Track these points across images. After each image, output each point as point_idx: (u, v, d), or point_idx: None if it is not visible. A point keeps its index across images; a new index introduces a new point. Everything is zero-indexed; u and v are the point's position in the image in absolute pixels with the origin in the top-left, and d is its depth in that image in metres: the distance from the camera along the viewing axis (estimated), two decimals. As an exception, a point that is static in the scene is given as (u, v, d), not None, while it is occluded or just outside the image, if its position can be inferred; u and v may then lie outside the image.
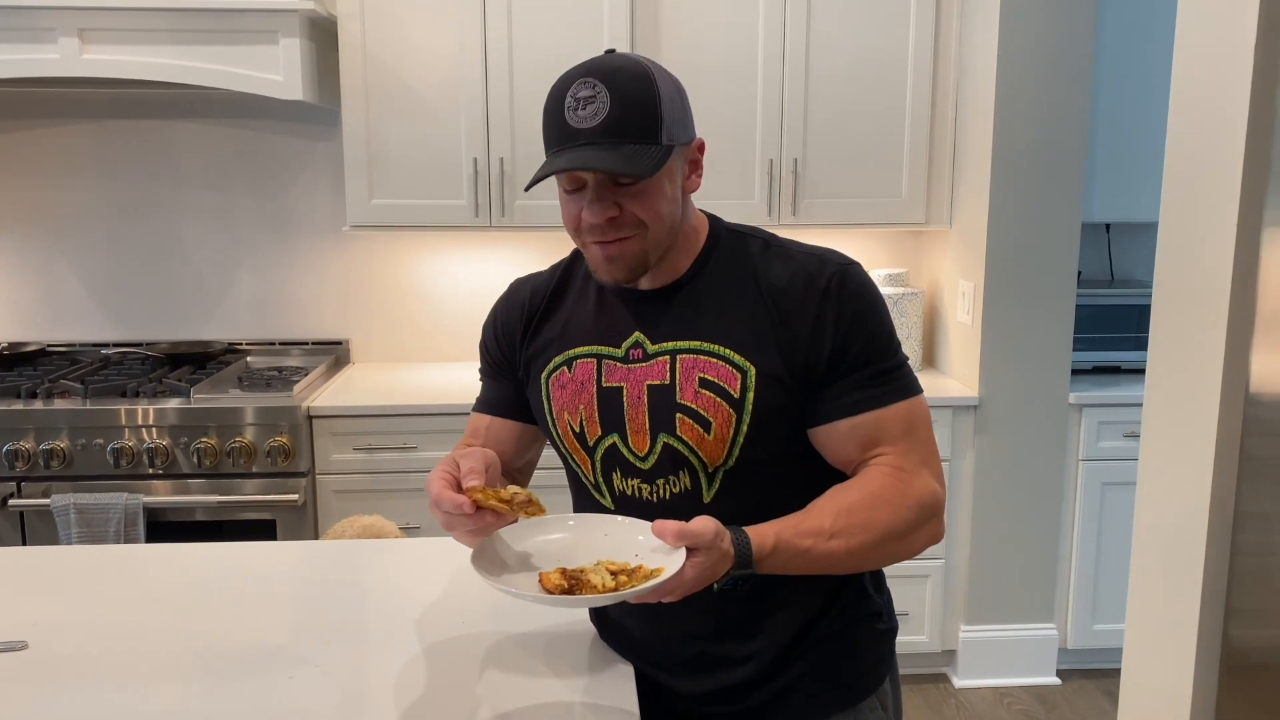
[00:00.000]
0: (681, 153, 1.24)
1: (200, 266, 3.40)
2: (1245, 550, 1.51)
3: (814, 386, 1.24)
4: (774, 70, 3.08)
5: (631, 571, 1.12)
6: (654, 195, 1.21)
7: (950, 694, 3.16)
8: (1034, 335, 3.04)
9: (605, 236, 1.22)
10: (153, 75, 2.80)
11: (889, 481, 1.22)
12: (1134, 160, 3.17)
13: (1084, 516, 3.13)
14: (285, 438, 2.82)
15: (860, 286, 1.25)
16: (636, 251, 1.23)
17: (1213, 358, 1.57)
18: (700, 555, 1.09)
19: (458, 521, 1.15)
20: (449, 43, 3.01)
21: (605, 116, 1.16)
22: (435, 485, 1.16)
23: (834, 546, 1.17)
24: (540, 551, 1.19)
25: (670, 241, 1.26)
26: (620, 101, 1.17)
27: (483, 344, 1.45)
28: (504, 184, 3.06)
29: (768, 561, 1.15)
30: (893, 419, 1.24)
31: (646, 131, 1.18)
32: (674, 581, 1.08)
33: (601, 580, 1.11)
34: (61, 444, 2.77)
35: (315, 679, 1.32)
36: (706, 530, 1.09)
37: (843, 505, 1.20)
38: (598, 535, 1.20)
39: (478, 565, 1.14)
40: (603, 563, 1.15)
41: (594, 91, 1.17)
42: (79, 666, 1.35)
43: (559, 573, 1.14)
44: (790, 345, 1.23)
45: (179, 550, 1.80)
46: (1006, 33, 2.90)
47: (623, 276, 1.25)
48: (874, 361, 1.24)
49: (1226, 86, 1.52)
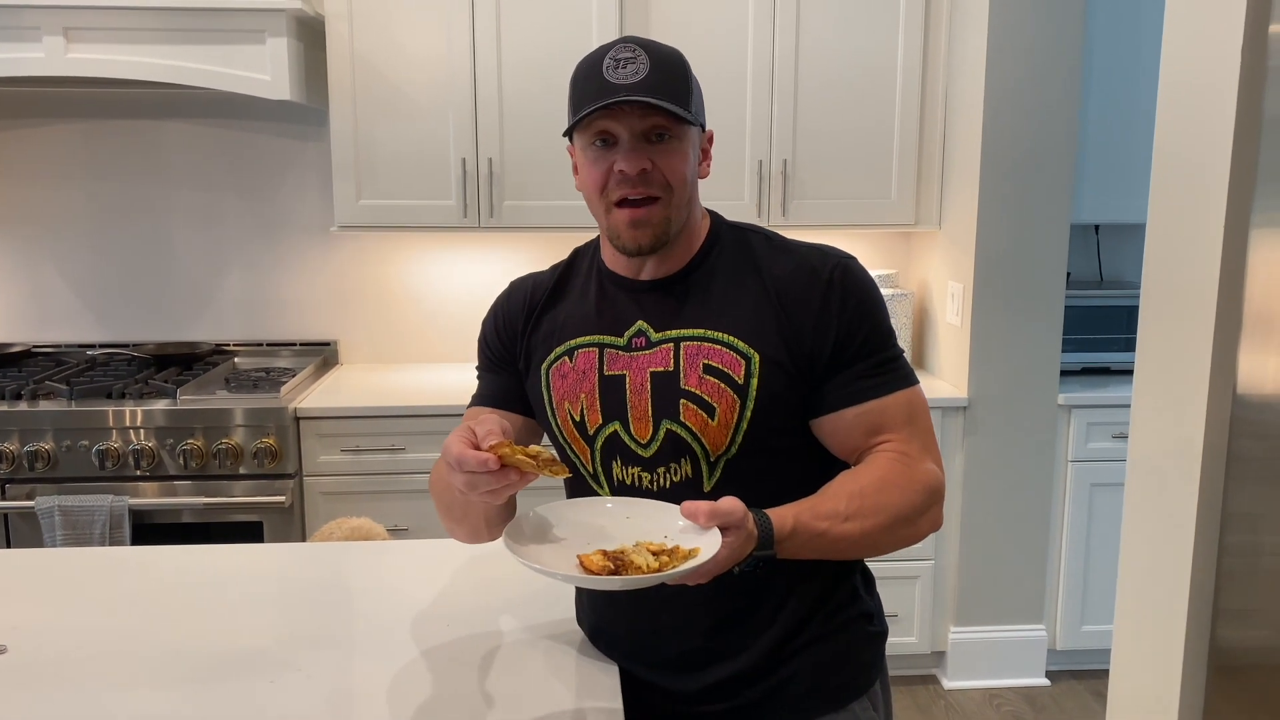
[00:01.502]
0: (698, 135, 1.30)
1: (187, 267, 3.38)
2: (1233, 551, 1.51)
3: (817, 377, 1.26)
4: (763, 72, 3.07)
5: (670, 552, 1.13)
6: (681, 158, 1.26)
7: (939, 695, 3.16)
8: (1023, 336, 3.04)
9: (635, 191, 1.24)
10: (139, 75, 2.79)
11: (896, 466, 1.24)
12: (1123, 162, 3.18)
13: (1073, 517, 3.14)
14: (272, 439, 2.80)
15: (861, 279, 1.30)
16: (661, 217, 1.26)
17: (1200, 359, 1.57)
18: (731, 535, 1.10)
19: (481, 480, 1.11)
20: (437, 42, 3.00)
21: (646, 75, 1.22)
22: (456, 446, 1.12)
23: (849, 529, 1.19)
24: (568, 534, 1.19)
25: (686, 214, 1.29)
26: (658, 64, 1.23)
27: (482, 339, 1.45)
28: (493, 184, 3.05)
29: (787, 543, 1.16)
30: (896, 406, 1.27)
31: (681, 98, 1.24)
32: (711, 561, 1.08)
33: (645, 561, 1.12)
34: (46, 446, 2.75)
35: (299, 683, 1.31)
36: (736, 510, 1.11)
37: (854, 489, 1.22)
38: (620, 518, 1.20)
39: (512, 548, 1.13)
40: (642, 544, 1.15)
41: (634, 54, 1.23)
42: (59, 671, 1.34)
43: (600, 554, 1.13)
44: (794, 335, 1.25)
45: (163, 553, 1.79)
46: (996, 34, 2.90)
47: (648, 242, 1.27)
48: (876, 351, 1.27)
49: (1214, 89, 1.53)
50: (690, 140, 1.26)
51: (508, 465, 1.11)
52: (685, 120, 1.23)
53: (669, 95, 1.22)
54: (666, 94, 1.22)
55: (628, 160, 1.23)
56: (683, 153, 1.25)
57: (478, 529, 1.32)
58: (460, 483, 1.13)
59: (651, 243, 1.27)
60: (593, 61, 1.24)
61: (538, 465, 1.12)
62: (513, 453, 1.11)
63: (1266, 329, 1.43)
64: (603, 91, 1.22)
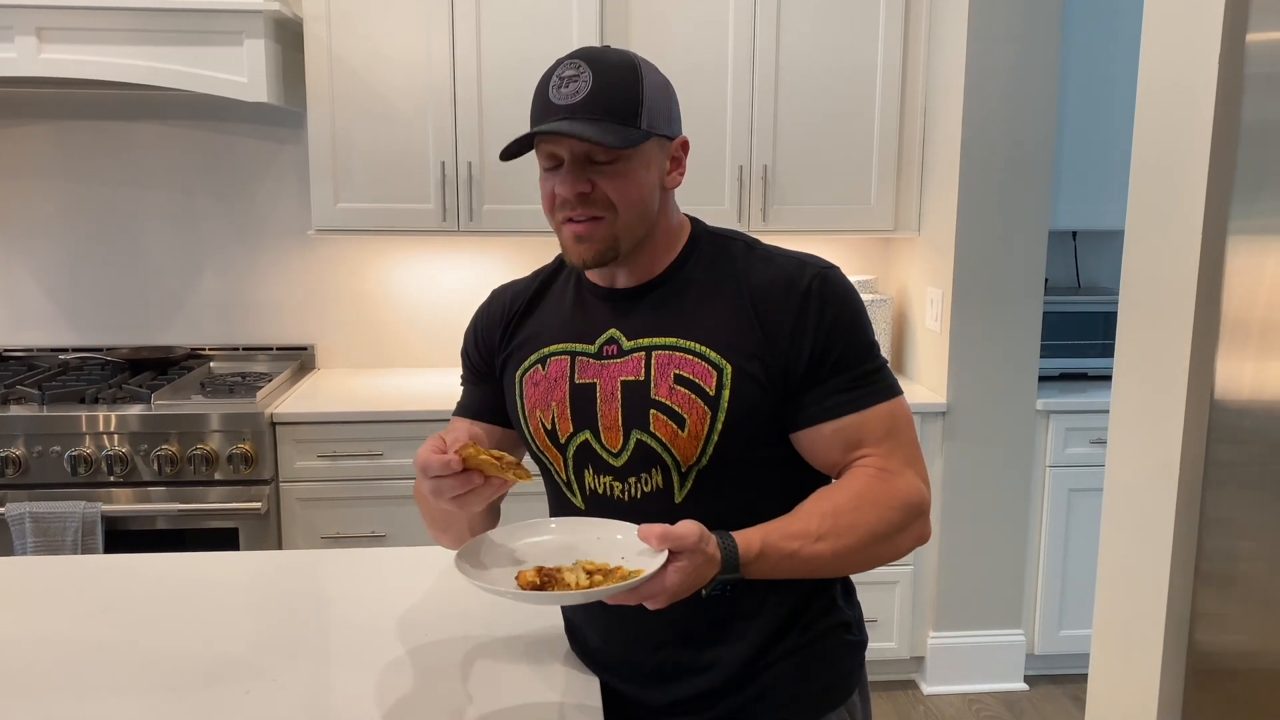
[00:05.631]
0: (662, 145, 1.26)
1: (162, 270, 3.34)
2: (1210, 555, 1.52)
3: (794, 390, 1.24)
4: (744, 79, 3.08)
5: (609, 572, 1.12)
6: (627, 178, 1.22)
7: (919, 700, 3.16)
8: (1002, 342, 3.05)
9: (575, 213, 1.22)
10: (113, 76, 2.75)
11: (873, 483, 1.22)
12: (1100, 168, 3.20)
13: (1051, 522, 3.15)
14: (249, 445, 2.77)
15: (841, 290, 1.26)
16: (606, 235, 1.23)
17: (1178, 364, 1.58)
18: (684, 559, 1.08)
19: (445, 485, 1.11)
20: (417, 44, 2.98)
21: (585, 94, 1.19)
22: (423, 453, 1.12)
23: (821, 549, 1.17)
24: (526, 553, 1.19)
25: (644, 231, 1.26)
26: (602, 81, 1.19)
27: (464, 350, 1.44)
28: (472, 188, 3.04)
29: (755, 565, 1.14)
30: (875, 420, 1.24)
31: (626, 113, 1.20)
32: (655, 585, 1.07)
33: (576, 579, 1.11)
34: (17, 451, 2.71)
35: (272, 692, 1.29)
36: (690, 534, 1.09)
37: (828, 508, 1.20)
38: (589, 539, 1.20)
39: (460, 562, 1.13)
40: (580, 562, 1.14)
41: (577, 71, 1.20)
42: (28, 681, 1.31)
43: (535, 571, 1.13)
44: (770, 346, 1.23)
45: (136, 561, 1.76)
46: (974, 41, 2.92)
47: (590, 258, 1.24)
48: (854, 365, 1.24)
49: (1191, 95, 1.54)
50: (641, 157, 1.22)
51: (471, 468, 1.11)
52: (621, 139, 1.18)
53: (609, 114, 1.18)
54: (606, 113, 1.18)
55: (563, 185, 1.21)
56: (628, 173, 1.21)
57: (462, 537, 1.30)
58: (428, 489, 1.13)
59: (595, 259, 1.24)
60: (543, 78, 1.23)
61: (501, 467, 1.12)
62: (476, 454, 1.11)
63: (1243, 335, 1.43)
64: (545, 112, 1.21)
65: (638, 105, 1.20)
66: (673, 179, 1.28)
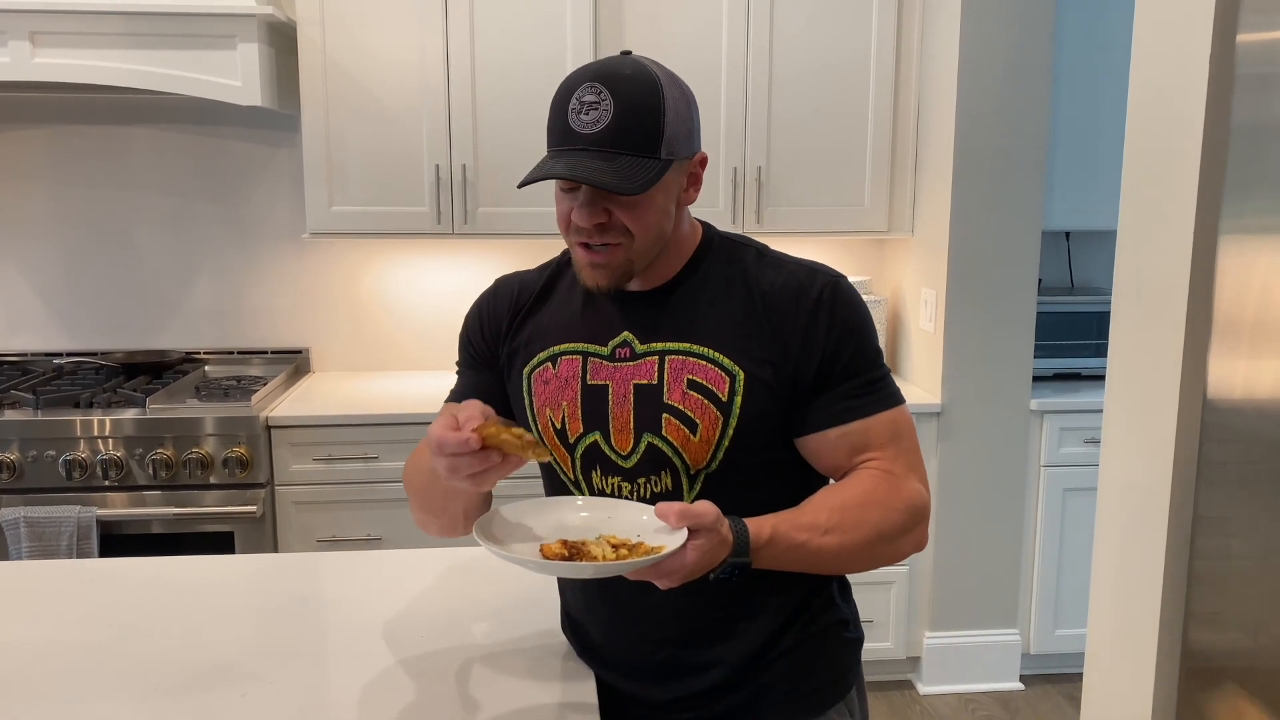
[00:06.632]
0: (681, 166, 1.25)
1: (157, 274, 3.34)
2: (1204, 554, 1.52)
3: (802, 395, 1.25)
4: (737, 81, 3.08)
5: (633, 547, 1.13)
6: (645, 208, 1.21)
7: (915, 700, 3.17)
8: (995, 342, 3.06)
9: (591, 240, 1.22)
10: (107, 80, 2.75)
11: (879, 483, 1.24)
12: (1093, 169, 3.21)
13: (1046, 522, 3.16)
14: (244, 448, 2.77)
15: (850, 299, 1.28)
16: (621, 260, 1.23)
17: (1171, 364, 1.58)
18: (701, 538, 1.09)
19: (462, 464, 1.10)
20: (410, 47, 2.98)
21: (606, 125, 1.17)
22: (437, 430, 1.11)
23: (828, 542, 1.19)
24: (544, 529, 1.19)
25: (657, 251, 1.26)
26: (623, 111, 1.17)
27: (464, 336, 1.43)
28: (467, 191, 3.04)
29: (764, 552, 1.15)
30: (880, 426, 1.26)
31: (647, 144, 1.18)
32: (675, 561, 1.07)
33: (602, 552, 1.12)
34: (11, 456, 2.71)
35: (268, 696, 1.29)
36: (708, 513, 1.10)
37: (836, 503, 1.21)
38: (602, 516, 1.20)
39: (480, 534, 1.12)
40: (605, 537, 1.15)
41: (599, 98, 1.18)
42: (23, 685, 1.31)
43: (560, 543, 1.14)
44: (781, 352, 1.24)
45: (131, 565, 1.76)
46: (967, 42, 2.93)
47: (605, 283, 1.25)
48: (862, 372, 1.26)
49: (1182, 95, 1.54)
50: (660, 185, 1.20)
51: (489, 446, 1.09)
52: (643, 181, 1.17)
53: (631, 145, 1.17)
54: (629, 143, 1.17)
55: (581, 214, 1.21)
56: (646, 202, 1.20)
57: (455, 521, 1.30)
58: (442, 467, 1.11)
59: (611, 284, 1.25)
60: (562, 97, 1.20)
61: (522, 445, 1.10)
62: (497, 432, 1.09)
63: (1236, 334, 1.44)
64: (564, 138, 1.19)
65: (659, 135, 1.19)
66: (689, 195, 1.28)
